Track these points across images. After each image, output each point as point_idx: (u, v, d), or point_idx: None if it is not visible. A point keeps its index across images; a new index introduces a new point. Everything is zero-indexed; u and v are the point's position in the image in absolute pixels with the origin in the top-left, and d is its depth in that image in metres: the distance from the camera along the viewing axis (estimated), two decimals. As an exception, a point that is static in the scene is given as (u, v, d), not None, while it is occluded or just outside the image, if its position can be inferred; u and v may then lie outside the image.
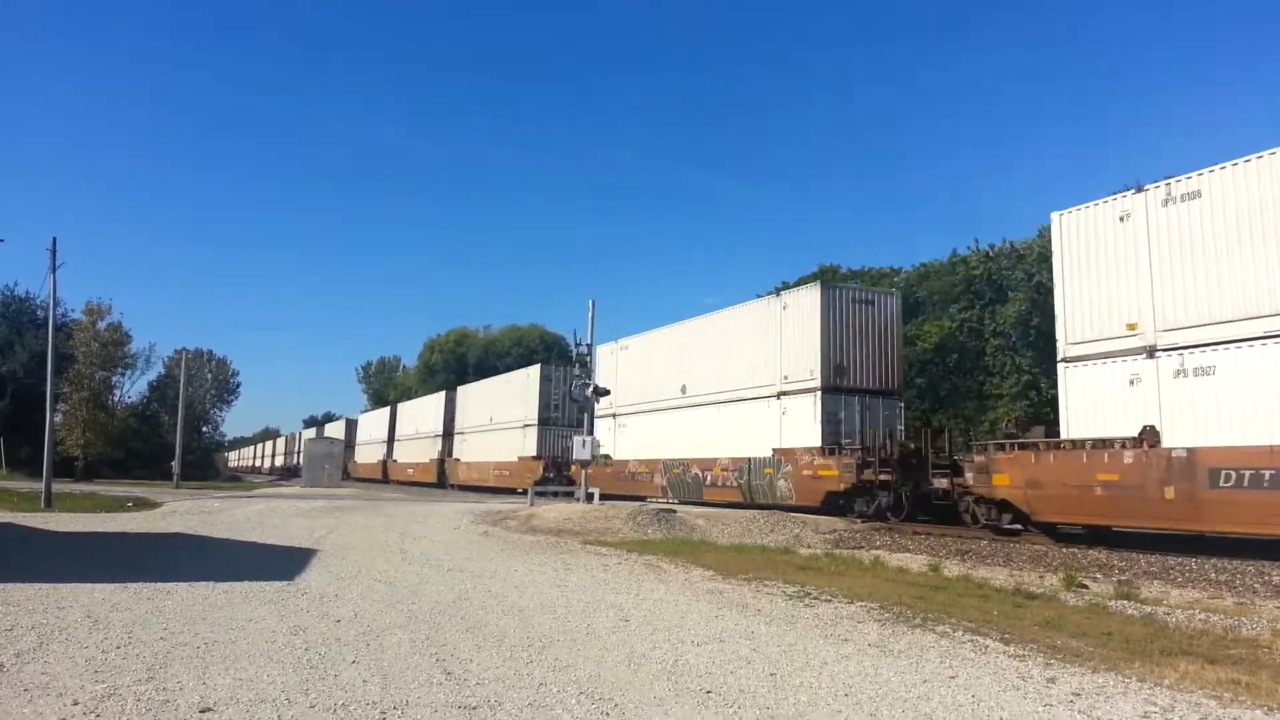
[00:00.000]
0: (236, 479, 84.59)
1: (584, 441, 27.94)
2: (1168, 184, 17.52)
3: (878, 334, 27.35)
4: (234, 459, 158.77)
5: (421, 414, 67.37)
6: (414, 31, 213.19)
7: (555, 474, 42.24)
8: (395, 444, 72.51)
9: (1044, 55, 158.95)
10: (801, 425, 26.66)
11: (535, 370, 48.28)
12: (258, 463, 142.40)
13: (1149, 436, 16.75)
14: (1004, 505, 19.80)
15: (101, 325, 63.18)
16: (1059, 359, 19.27)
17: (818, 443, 25.68)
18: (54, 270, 30.41)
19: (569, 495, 30.95)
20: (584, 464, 28.31)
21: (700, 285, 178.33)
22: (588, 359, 29.57)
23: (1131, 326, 17.71)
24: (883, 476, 23.62)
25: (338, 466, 53.09)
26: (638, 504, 26.46)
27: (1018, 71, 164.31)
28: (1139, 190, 18.13)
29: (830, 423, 25.94)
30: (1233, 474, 15.32)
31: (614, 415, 37.45)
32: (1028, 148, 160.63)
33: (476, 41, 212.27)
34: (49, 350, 30.46)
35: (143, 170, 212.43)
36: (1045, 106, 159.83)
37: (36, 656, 7.19)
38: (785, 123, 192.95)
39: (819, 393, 26.16)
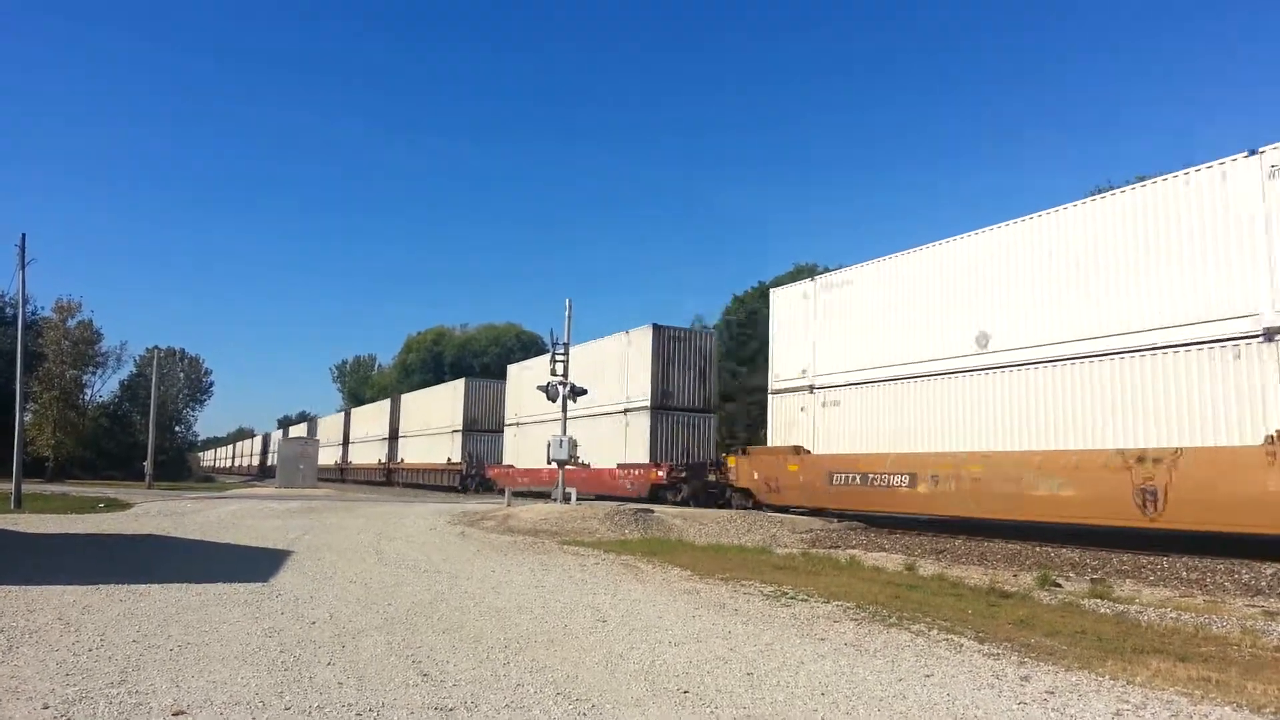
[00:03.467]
0: (210, 480, 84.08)
1: (561, 441, 27.89)
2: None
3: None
4: (207, 459, 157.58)
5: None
6: (390, 31, 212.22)
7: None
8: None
9: (1031, 59, 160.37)
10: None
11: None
12: (231, 463, 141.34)
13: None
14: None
15: (72, 323, 62.79)
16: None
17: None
18: (23, 267, 30.10)
19: (546, 495, 30.91)
20: (561, 464, 28.26)
21: (679, 285, 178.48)
22: (565, 359, 29.52)
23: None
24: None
25: (313, 467, 52.65)
26: (615, 504, 26.48)
27: (1006, 73, 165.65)
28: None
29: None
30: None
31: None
32: (1008, 148, 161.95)
33: (453, 41, 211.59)
34: (18, 348, 30.10)
35: (114, 167, 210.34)
36: (1033, 106, 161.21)
37: (6, 659, 7.10)
38: (768, 122, 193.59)
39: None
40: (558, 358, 29.34)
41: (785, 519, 23.66)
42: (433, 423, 56.04)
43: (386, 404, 69.10)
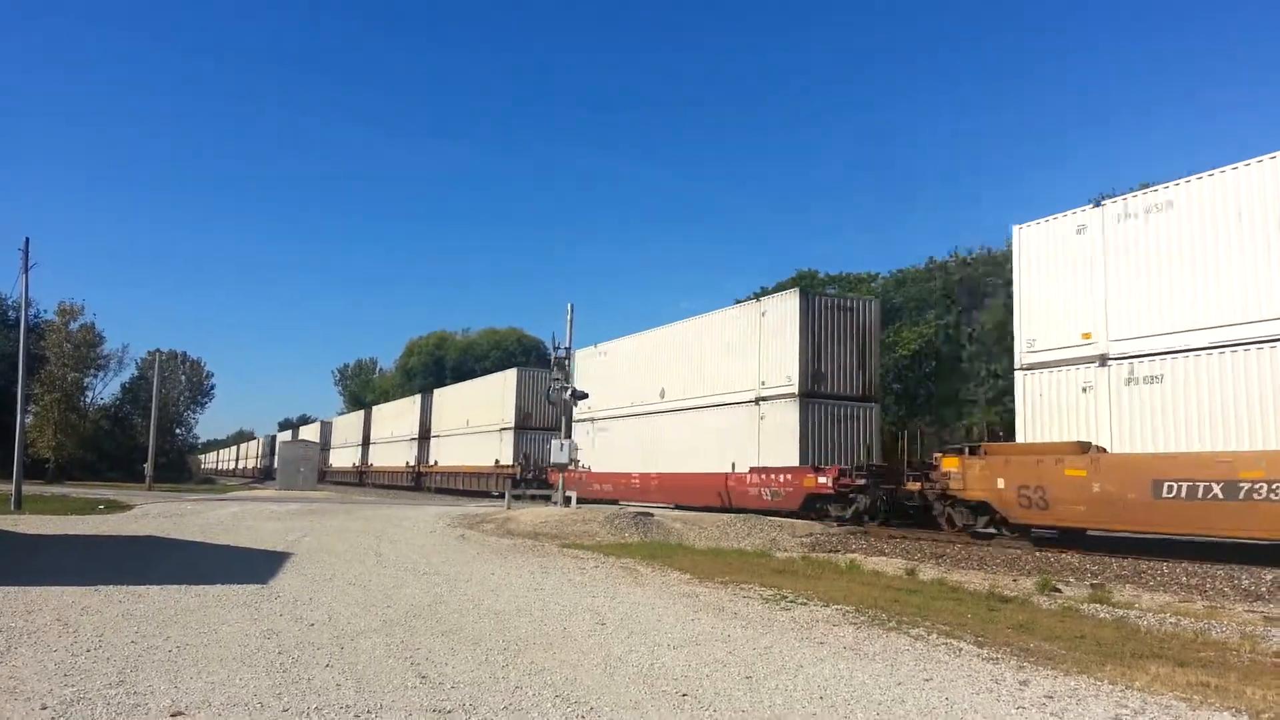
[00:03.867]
0: (210, 482, 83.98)
1: (561, 445, 27.90)
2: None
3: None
4: (208, 462, 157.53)
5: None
6: (390, 35, 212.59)
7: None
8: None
9: (1027, 64, 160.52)
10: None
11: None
12: (232, 465, 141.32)
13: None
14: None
15: (74, 326, 62.73)
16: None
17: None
18: (26, 271, 30.14)
19: (546, 499, 30.92)
20: (561, 467, 28.27)
21: (679, 290, 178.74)
22: (566, 363, 29.55)
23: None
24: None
25: (313, 469, 52.70)
26: (615, 507, 26.48)
27: (1001, 79, 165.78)
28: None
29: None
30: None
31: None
32: (1008, 155, 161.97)
33: (455, 44, 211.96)
34: (20, 351, 30.11)
35: (116, 170, 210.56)
36: (1032, 113, 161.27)
37: (4, 660, 7.10)
38: (767, 128, 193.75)
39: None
40: (562, 362, 29.38)
41: (785, 523, 23.61)
42: (475, 419, 50.38)
43: (414, 401, 63.99)
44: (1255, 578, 13.76)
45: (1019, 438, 19.36)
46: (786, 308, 26.88)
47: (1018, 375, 19.63)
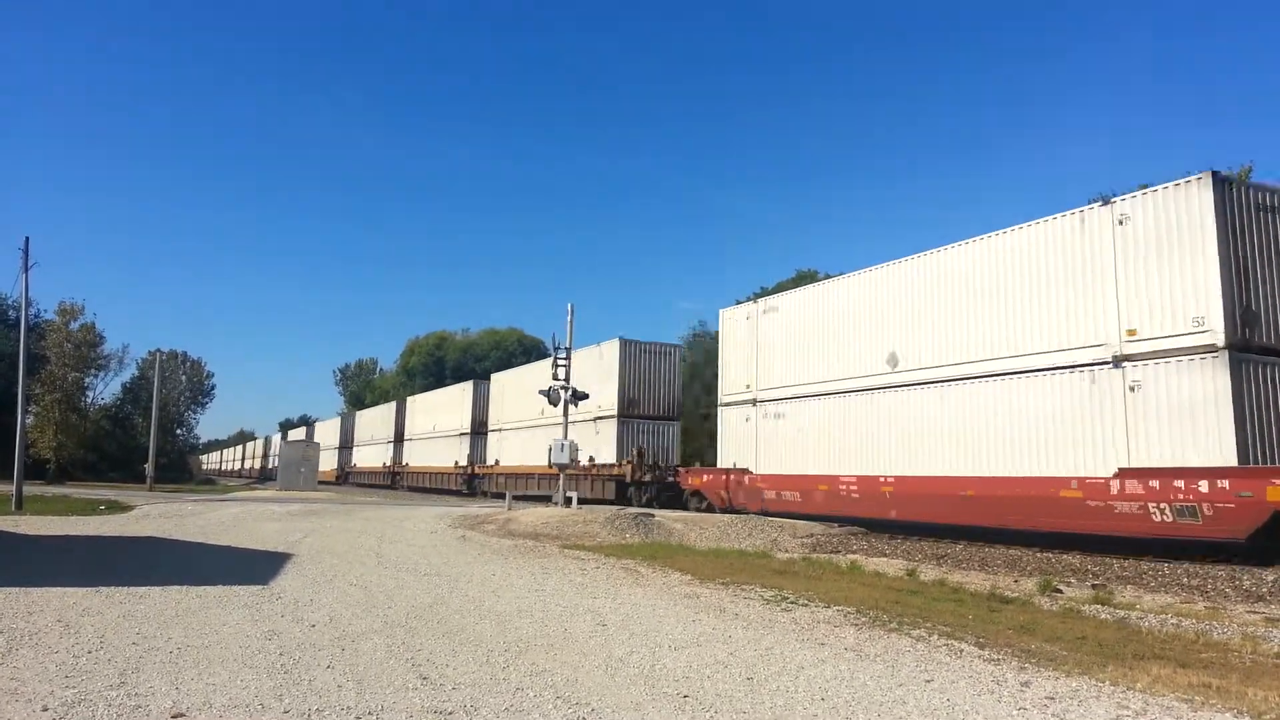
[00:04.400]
0: (210, 482, 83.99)
1: (561, 445, 27.89)
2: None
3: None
4: (208, 462, 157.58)
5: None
6: (393, 35, 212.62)
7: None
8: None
9: (1026, 65, 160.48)
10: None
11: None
12: (232, 466, 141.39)
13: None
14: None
15: (74, 326, 62.74)
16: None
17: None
18: (26, 270, 30.17)
19: (547, 499, 30.93)
20: (561, 468, 28.27)
21: (679, 290, 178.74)
22: (566, 363, 29.54)
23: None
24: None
25: (313, 470, 52.69)
26: (615, 508, 26.49)
27: (1002, 80, 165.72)
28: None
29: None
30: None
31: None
32: (1009, 154, 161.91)
33: (456, 45, 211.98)
34: (20, 351, 30.16)
35: (117, 170, 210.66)
36: (1029, 112, 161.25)
37: (5, 662, 7.10)
38: (767, 126, 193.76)
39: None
40: (559, 363, 29.39)
41: (786, 523, 23.64)
42: (531, 413, 40.42)
43: (464, 390, 52.82)
44: (1257, 579, 13.76)
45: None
46: (1182, 202, 16.88)
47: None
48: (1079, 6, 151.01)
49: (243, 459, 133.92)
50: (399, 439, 64.09)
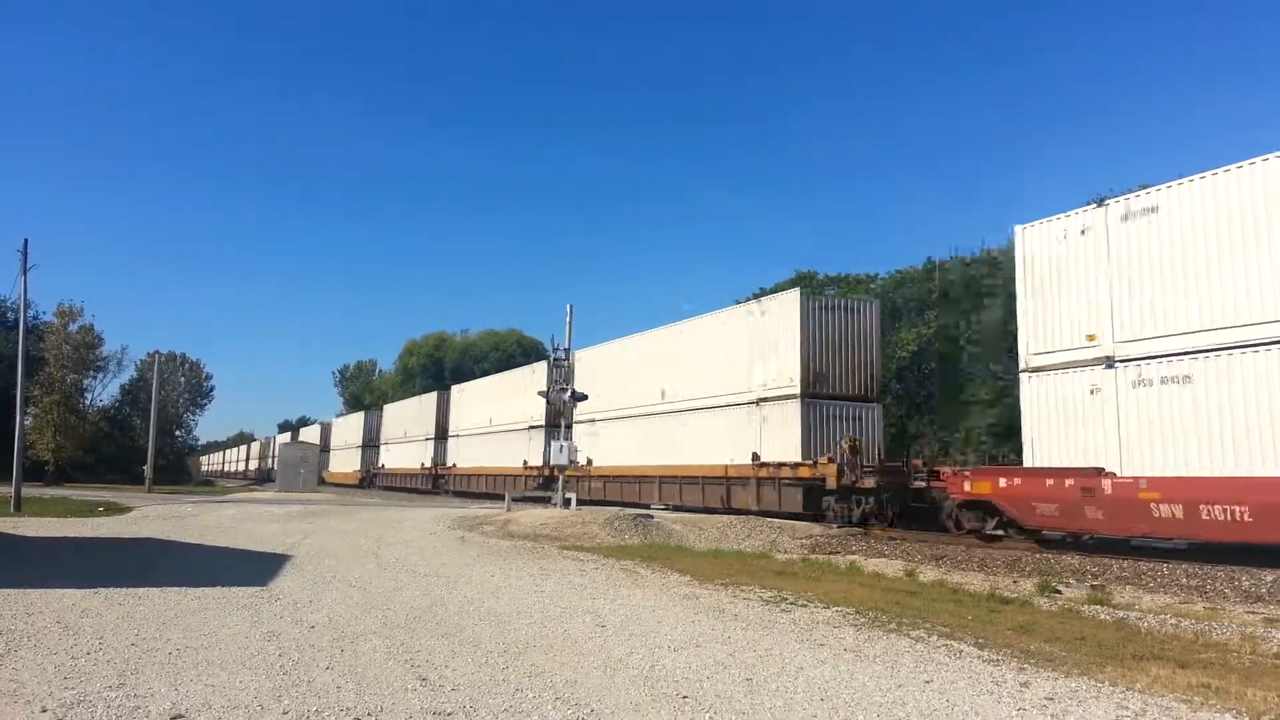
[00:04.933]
0: (210, 484, 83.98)
1: (561, 446, 27.90)
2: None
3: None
4: (207, 463, 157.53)
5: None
6: (392, 36, 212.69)
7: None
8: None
9: (1025, 65, 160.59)
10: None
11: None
12: (231, 467, 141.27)
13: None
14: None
15: (73, 328, 62.68)
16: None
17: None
18: (25, 272, 30.14)
19: (546, 500, 30.92)
20: (561, 468, 28.28)
21: (678, 291, 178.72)
22: (565, 363, 29.55)
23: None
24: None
25: (313, 471, 52.67)
26: (615, 509, 26.46)
27: (998, 81, 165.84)
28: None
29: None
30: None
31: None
32: (1005, 156, 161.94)
33: (456, 46, 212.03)
34: (19, 353, 30.13)
35: (116, 172, 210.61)
36: (1025, 115, 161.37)
37: (5, 663, 7.10)
38: (766, 129, 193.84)
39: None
40: (558, 362, 29.41)
41: (785, 524, 23.59)
42: (690, 387, 32.42)
43: (527, 374, 45.57)
44: (1255, 579, 13.76)
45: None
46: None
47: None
48: (1079, 6, 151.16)
49: (242, 461, 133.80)
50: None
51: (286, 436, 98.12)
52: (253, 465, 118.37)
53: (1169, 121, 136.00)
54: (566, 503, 27.24)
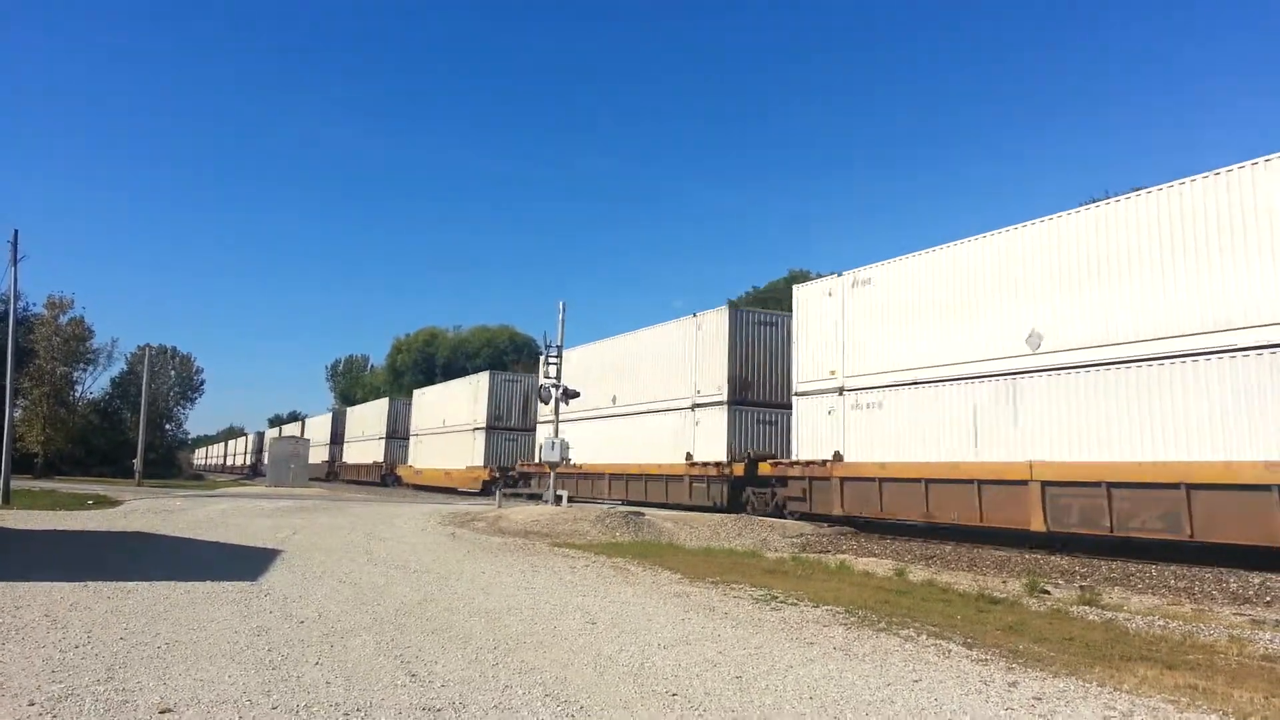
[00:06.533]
0: (200, 478, 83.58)
1: (553, 443, 27.86)
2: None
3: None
4: (198, 458, 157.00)
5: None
6: (386, 33, 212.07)
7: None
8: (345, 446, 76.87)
9: (1023, 61, 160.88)
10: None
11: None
12: (221, 462, 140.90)
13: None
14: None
15: (63, 319, 62.38)
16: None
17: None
18: (15, 263, 29.97)
19: (537, 497, 30.89)
20: (553, 465, 28.24)
21: (671, 288, 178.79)
22: (557, 361, 29.51)
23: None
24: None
25: (304, 466, 52.51)
26: (606, 506, 26.48)
27: (1000, 74, 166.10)
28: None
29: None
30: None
31: (840, 391, 32.89)
32: (1008, 149, 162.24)
33: (449, 43, 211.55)
34: (9, 344, 30.02)
35: (107, 165, 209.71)
36: (1022, 111, 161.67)
37: (-9, 656, 7.06)
38: (760, 126, 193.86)
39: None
40: (550, 360, 29.37)
41: (777, 523, 23.71)
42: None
43: (607, 345, 37.70)
44: (1243, 581, 13.83)
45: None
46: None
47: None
48: (1079, 4, 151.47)
49: (233, 455, 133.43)
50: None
51: (277, 431, 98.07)
52: (243, 460, 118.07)
53: (1164, 120, 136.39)
54: (558, 500, 27.22)
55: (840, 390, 23.73)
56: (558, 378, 28.95)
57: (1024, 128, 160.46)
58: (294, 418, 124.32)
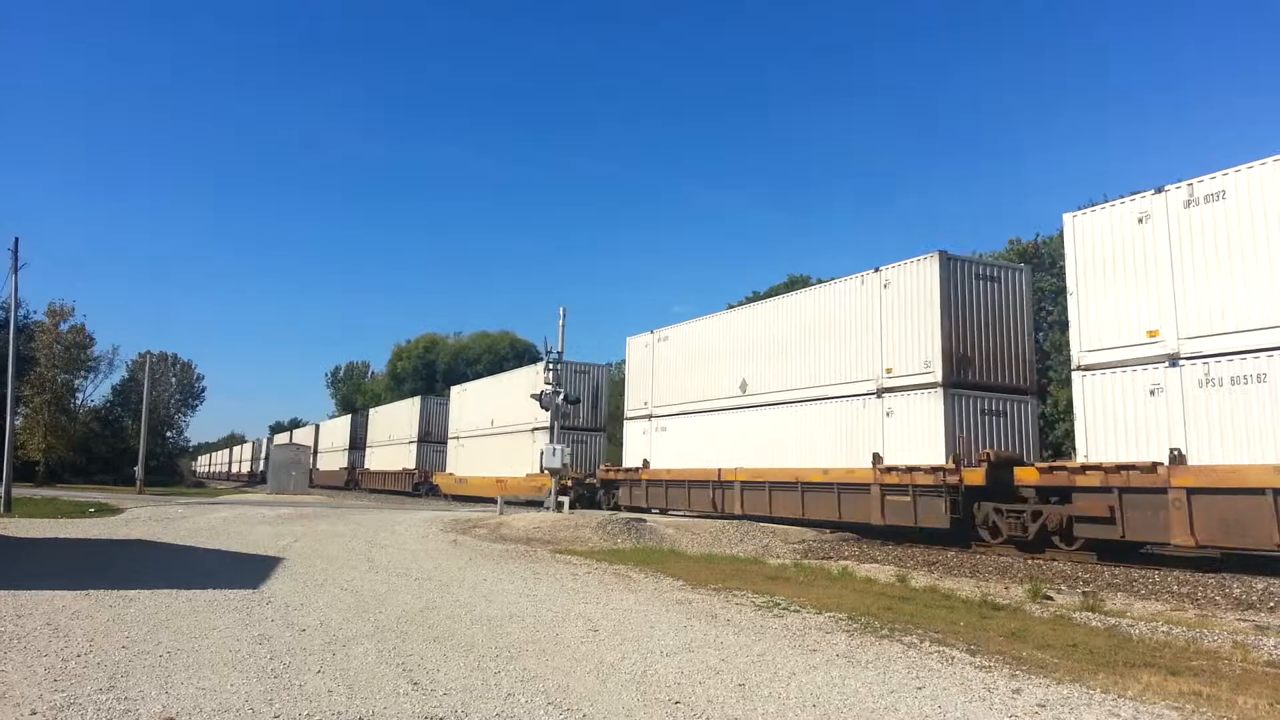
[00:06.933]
0: (201, 485, 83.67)
1: (554, 450, 27.86)
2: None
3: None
4: (199, 465, 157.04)
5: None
6: (387, 37, 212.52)
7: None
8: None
9: (1024, 63, 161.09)
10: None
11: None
12: (223, 469, 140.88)
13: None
14: None
15: (64, 327, 62.48)
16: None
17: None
18: (16, 271, 30.00)
19: (539, 504, 30.89)
20: (554, 473, 28.23)
21: (671, 294, 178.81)
22: (557, 367, 29.54)
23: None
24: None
25: (304, 473, 52.49)
26: (607, 513, 26.48)
27: (999, 79, 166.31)
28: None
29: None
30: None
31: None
32: (1006, 154, 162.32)
33: (450, 45, 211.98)
34: (10, 352, 30.03)
35: (107, 171, 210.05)
36: (1022, 114, 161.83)
37: (-7, 665, 7.06)
38: (760, 129, 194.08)
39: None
40: (549, 367, 29.43)
41: (779, 529, 23.66)
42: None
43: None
44: (1247, 586, 13.81)
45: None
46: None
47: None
48: (1079, 4, 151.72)
49: (233, 462, 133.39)
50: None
51: (281, 438, 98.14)
52: (244, 467, 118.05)
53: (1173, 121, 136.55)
54: (559, 506, 27.21)
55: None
56: (558, 382, 28.99)
57: (1024, 128, 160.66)
58: (295, 424, 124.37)
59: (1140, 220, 17.32)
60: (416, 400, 60.00)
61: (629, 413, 33.22)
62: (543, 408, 29.35)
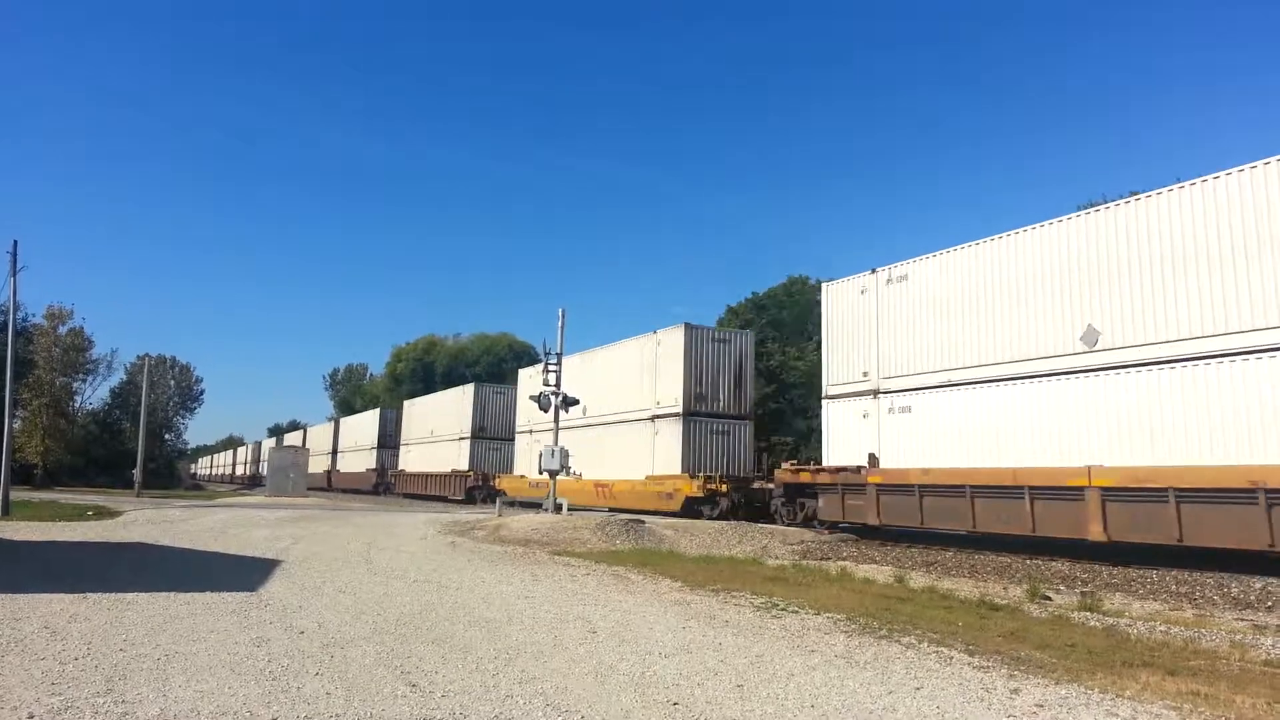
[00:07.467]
0: (199, 488, 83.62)
1: (553, 451, 27.84)
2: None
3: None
4: (197, 468, 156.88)
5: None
6: (386, 39, 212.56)
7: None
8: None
9: (1024, 64, 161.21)
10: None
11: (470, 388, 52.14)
12: (221, 471, 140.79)
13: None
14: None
15: (63, 330, 62.43)
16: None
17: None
18: (15, 274, 29.95)
19: (537, 505, 30.86)
20: (553, 473, 28.21)
21: (672, 296, 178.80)
22: (557, 369, 29.51)
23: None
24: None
25: (303, 476, 52.39)
26: (607, 514, 26.46)
27: (999, 79, 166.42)
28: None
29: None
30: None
31: (875, 394, 27.20)
32: (1007, 154, 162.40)
33: (450, 47, 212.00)
34: (8, 355, 30.01)
35: (106, 173, 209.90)
36: (1022, 112, 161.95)
37: (-9, 668, 7.04)
38: (760, 131, 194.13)
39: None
40: (550, 368, 29.39)
41: (777, 530, 23.67)
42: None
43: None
44: (1244, 586, 13.82)
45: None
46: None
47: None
48: (1080, 4, 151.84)
49: (232, 464, 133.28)
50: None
51: (292, 437, 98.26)
52: (243, 470, 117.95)
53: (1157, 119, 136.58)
54: (558, 508, 27.19)
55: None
56: (557, 384, 28.96)
57: (1025, 129, 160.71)
58: (294, 427, 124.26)
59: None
60: (468, 389, 51.52)
61: (830, 389, 24.76)
62: (541, 409, 29.31)
